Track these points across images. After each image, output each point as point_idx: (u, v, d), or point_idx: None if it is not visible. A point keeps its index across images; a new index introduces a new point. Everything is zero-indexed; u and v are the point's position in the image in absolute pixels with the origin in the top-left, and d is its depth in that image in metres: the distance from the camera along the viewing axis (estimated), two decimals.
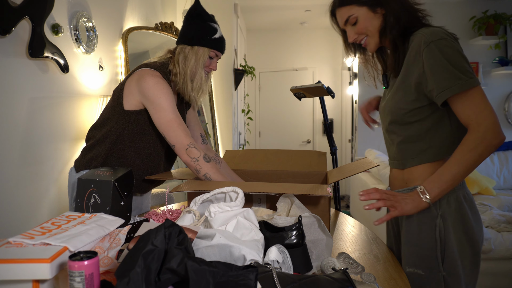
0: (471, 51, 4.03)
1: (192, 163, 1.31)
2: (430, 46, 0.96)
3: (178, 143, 1.31)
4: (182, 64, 1.38)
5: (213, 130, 3.35)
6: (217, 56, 1.43)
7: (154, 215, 1.30)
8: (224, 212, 0.87)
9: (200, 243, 0.74)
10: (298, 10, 4.56)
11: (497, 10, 3.87)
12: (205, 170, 1.30)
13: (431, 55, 0.96)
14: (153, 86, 1.31)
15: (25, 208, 1.53)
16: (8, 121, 1.43)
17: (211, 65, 1.42)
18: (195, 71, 1.39)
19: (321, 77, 5.40)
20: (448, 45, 0.95)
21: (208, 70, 1.43)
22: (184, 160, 1.32)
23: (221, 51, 1.43)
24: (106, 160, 1.39)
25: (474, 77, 0.93)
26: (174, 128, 1.31)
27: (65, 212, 0.93)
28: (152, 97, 1.31)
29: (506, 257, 2.25)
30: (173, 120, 1.31)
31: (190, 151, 1.30)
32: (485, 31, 3.87)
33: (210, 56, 1.40)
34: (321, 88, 2.17)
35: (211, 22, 1.40)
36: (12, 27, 1.39)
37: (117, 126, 1.38)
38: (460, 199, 1.00)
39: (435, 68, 0.95)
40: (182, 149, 1.31)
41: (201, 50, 1.38)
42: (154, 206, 2.09)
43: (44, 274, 0.60)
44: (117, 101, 1.38)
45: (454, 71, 0.93)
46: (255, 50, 5.45)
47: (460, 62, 0.94)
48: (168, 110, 1.31)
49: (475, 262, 1.00)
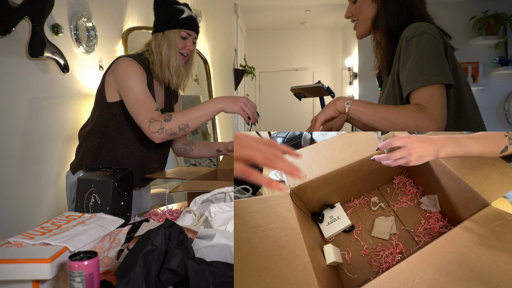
0: (471, 51, 4.03)
1: (161, 136, 1.26)
2: (410, 41, 0.96)
3: (141, 122, 1.27)
4: (156, 52, 1.39)
5: (213, 130, 3.35)
6: (190, 36, 1.42)
7: (154, 215, 1.30)
8: (224, 212, 0.87)
9: (200, 243, 0.74)
10: (298, 10, 4.56)
11: (497, 10, 3.87)
12: (174, 125, 1.26)
13: (407, 49, 0.96)
14: (123, 70, 1.32)
15: (25, 208, 1.52)
16: (8, 121, 1.43)
17: (186, 46, 1.42)
18: (169, 55, 1.38)
19: (321, 77, 5.40)
20: (426, 40, 0.94)
21: (185, 52, 1.42)
22: (152, 138, 1.28)
23: (192, 29, 1.42)
24: (96, 156, 1.39)
25: (444, 74, 0.92)
26: (137, 108, 1.28)
27: (65, 212, 0.93)
28: (122, 81, 1.31)
29: None
30: (138, 99, 1.29)
31: (152, 126, 1.26)
32: (485, 31, 3.87)
33: (182, 37, 1.40)
34: (321, 88, 2.17)
35: (176, 4, 1.41)
36: (12, 27, 1.39)
37: (101, 120, 1.38)
38: None
39: (407, 63, 0.96)
40: (146, 128, 1.27)
41: (172, 33, 1.38)
42: (154, 206, 2.09)
43: (44, 274, 0.60)
44: (100, 96, 1.40)
45: (423, 66, 0.93)
46: (255, 50, 5.45)
47: (432, 58, 0.93)
48: (135, 90, 1.30)
49: None
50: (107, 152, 1.39)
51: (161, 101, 1.52)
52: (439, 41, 0.95)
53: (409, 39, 0.96)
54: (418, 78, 0.93)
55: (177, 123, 1.26)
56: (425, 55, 0.93)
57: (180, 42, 1.40)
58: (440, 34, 0.97)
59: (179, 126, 1.27)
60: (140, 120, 1.28)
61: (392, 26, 1.04)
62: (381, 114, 0.96)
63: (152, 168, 1.50)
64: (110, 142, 1.39)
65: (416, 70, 0.94)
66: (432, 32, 0.95)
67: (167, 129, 1.26)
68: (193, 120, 1.28)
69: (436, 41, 0.94)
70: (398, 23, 1.03)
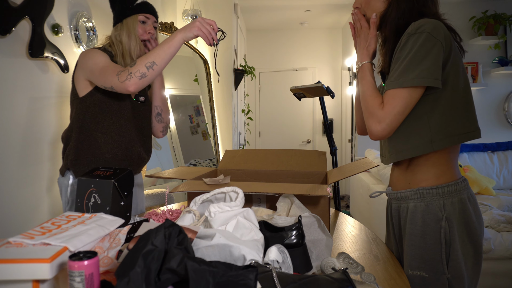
0: (470, 51, 4.03)
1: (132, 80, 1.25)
2: (409, 38, 0.96)
3: (110, 81, 1.27)
4: (117, 41, 1.40)
5: (213, 130, 3.35)
6: (149, 19, 1.43)
7: (154, 215, 1.30)
8: (224, 212, 0.87)
9: (200, 243, 0.74)
10: (298, 10, 4.56)
11: (497, 10, 3.87)
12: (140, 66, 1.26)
13: (404, 46, 0.97)
14: (85, 55, 1.35)
15: (25, 208, 1.53)
16: (8, 121, 1.43)
17: (146, 30, 1.42)
18: (129, 43, 1.39)
19: (321, 77, 5.40)
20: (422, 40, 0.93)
21: (146, 37, 1.42)
22: (125, 88, 1.26)
23: (149, 12, 1.42)
24: (78, 151, 1.39)
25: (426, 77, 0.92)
26: (104, 73, 1.29)
27: (65, 212, 0.93)
28: (85, 64, 1.33)
29: (506, 257, 2.25)
30: (104, 67, 1.30)
31: (120, 76, 1.26)
32: (485, 31, 3.87)
33: (141, 21, 1.41)
34: (321, 88, 2.17)
35: None
36: (12, 27, 1.39)
37: (77, 115, 1.39)
38: (464, 201, 0.99)
39: (398, 61, 0.97)
40: (116, 82, 1.26)
41: (130, 20, 1.39)
42: (154, 206, 2.09)
43: (44, 274, 0.60)
44: (72, 95, 1.42)
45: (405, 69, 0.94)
46: (255, 50, 5.45)
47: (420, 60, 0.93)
48: (98, 62, 1.31)
49: (477, 262, 1.00)
50: (88, 145, 1.39)
51: None
52: (437, 42, 0.93)
53: (410, 35, 0.95)
54: (393, 79, 0.97)
55: (143, 63, 1.26)
56: (413, 57, 0.94)
57: (140, 27, 1.40)
58: (445, 35, 0.95)
59: (146, 65, 1.26)
60: (109, 80, 1.27)
61: (402, 24, 1.02)
62: (361, 89, 1.07)
63: (137, 153, 1.48)
64: (89, 135, 1.40)
65: (398, 71, 0.96)
66: (433, 32, 0.93)
67: (135, 72, 1.25)
68: (158, 56, 1.27)
69: (432, 42, 0.93)
70: (407, 21, 1.01)
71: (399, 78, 0.95)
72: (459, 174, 1.03)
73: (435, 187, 0.99)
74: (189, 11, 3.16)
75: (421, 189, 1.00)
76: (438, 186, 0.99)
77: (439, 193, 0.99)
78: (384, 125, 0.96)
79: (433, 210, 0.98)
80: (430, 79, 0.92)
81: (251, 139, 5.44)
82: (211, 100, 3.40)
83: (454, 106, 0.98)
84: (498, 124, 4.09)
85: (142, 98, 1.51)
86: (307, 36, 5.44)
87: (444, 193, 0.98)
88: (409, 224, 1.03)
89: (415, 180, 1.03)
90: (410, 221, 1.02)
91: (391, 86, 0.96)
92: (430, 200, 0.99)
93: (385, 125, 0.96)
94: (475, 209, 1.01)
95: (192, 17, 3.17)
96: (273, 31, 5.46)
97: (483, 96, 4.05)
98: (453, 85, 0.97)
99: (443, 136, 0.98)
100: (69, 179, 1.41)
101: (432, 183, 1.00)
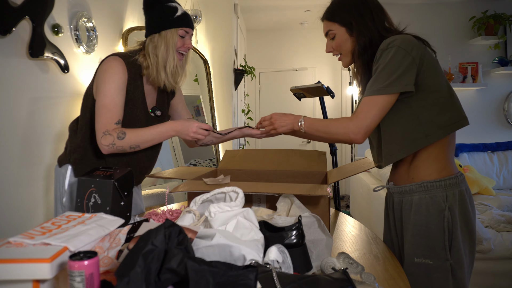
0: (470, 51, 4.03)
1: (110, 150, 1.27)
2: (382, 53, 1.07)
3: (97, 129, 1.28)
4: (153, 55, 1.35)
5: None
6: (188, 33, 1.39)
7: (154, 215, 1.30)
8: (224, 212, 0.87)
9: (200, 243, 0.74)
10: (298, 10, 4.56)
11: (497, 10, 3.87)
12: (125, 144, 1.27)
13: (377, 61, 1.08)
14: (103, 70, 1.31)
15: (25, 208, 1.53)
16: (8, 121, 1.43)
17: (184, 44, 1.38)
18: (166, 57, 1.35)
19: (321, 77, 5.40)
20: (392, 53, 1.04)
21: (183, 50, 1.40)
22: (101, 148, 1.28)
23: (189, 26, 1.38)
24: (85, 151, 1.39)
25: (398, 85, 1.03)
26: (100, 114, 1.28)
27: (65, 212, 0.93)
28: (98, 82, 1.31)
29: (505, 257, 2.25)
30: (105, 105, 1.28)
31: (104, 139, 1.26)
32: (484, 31, 3.87)
33: (180, 35, 1.36)
34: (321, 88, 2.18)
35: (169, 2, 1.36)
36: (13, 27, 1.39)
37: (90, 116, 1.37)
38: (463, 192, 1.09)
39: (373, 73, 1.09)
40: (98, 138, 1.27)
41: (169, 33, 1.34)
42: (154, 206, 2.09)
43: (44, 274, 0.60)
44: (88, 92, 1.39)
45: (375, 80, 1.06)
46: (255, 50, 5.45)
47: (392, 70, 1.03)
48: (106, 95, 1.29)
49: (472, 249, 1.11)
50: (95, 148, 1.38)
51: (152, 100, 1.48)
52: (406, 53, 1.04)
53: (382, 51, 1.08)
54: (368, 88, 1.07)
55: (129, 143, 1.28)
56: (384, 68, 1.05)
57: (179, 40, 1.36)
58: (413, 45, 1.05)
59: (130, 145, 1.28)
60: (97, 127, 1.28)
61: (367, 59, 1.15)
62: (317, 127, 1.15)
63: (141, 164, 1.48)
64: None
65: (373, 81, 1.07)
66: (402, 45, 1.04)
67: (118, 146, 1.27)
68: (145, 143, 1.30)
69: (401, 54, 1.04)
70: (373, 50, 1.13)
71: (373, 86, 1.06)
72: (456, 169, 1.13)
73: (438, 180, 1.08)
74: (189, 11, 3.16)
75: (425, 183, 1.09)
76: (441, 179, 1.08)
77: (442, 186, 1.08)
78: (362, 130, 1.06)
79: (437, 201, 1.07)
80: (401, 86, 1.04)
81: (251, 139, 5.44)
82: (211, 100, 3.40)
83: (440, 102, 1.08)
84: (498, 124, 4.09)
85: (158, 112, 1.46)
86: (307, 36, 5.44)
87: (446, 186, 1.08)
88: (414, 215, 1.11)
89: (418, 175, 1.12)
90: (415, 212, 1.11)
91: (367, 93, 1.07)
92: (434, 192, 1.08)
93: (363, 129, 1.06)
94: (470, 201, 1.11)
95: (192, 17, 3.17)
96: (273, 31, 5.46)
97: (483, 96, 4.05)
98: (434, 83, 1.08)
99: (436, 129, 1.08)
100: (67, 169, 1.40)
101: (435, 176, 1.09)
